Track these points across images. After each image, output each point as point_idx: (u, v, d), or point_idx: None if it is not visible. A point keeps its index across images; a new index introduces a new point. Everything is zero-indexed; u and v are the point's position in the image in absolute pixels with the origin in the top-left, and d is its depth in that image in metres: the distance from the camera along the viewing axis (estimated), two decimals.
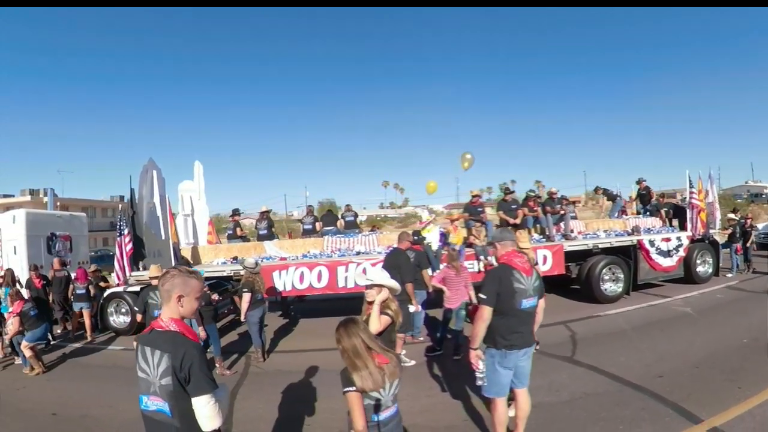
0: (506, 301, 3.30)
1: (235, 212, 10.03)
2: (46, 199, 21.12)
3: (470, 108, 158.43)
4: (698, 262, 9.94)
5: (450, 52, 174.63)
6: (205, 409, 1.91)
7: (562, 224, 9.63)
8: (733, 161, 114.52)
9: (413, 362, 6.05)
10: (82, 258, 11.26)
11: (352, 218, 9.89)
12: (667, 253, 9.54)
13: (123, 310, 8.95)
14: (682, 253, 9.62)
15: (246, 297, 6.43)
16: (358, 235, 8.97)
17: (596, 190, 11.76)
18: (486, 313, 3.33)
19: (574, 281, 9.41)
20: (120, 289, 8.75)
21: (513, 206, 9.49)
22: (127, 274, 8.43)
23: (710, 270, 10.08)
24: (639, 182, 11.63)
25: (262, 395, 5.50)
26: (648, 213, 10.66)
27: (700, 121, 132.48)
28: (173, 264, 8.29)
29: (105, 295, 8.92)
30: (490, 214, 10.80)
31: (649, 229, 10.12)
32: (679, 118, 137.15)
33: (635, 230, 9.66)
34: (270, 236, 9.48)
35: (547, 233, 9.44)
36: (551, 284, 7.83)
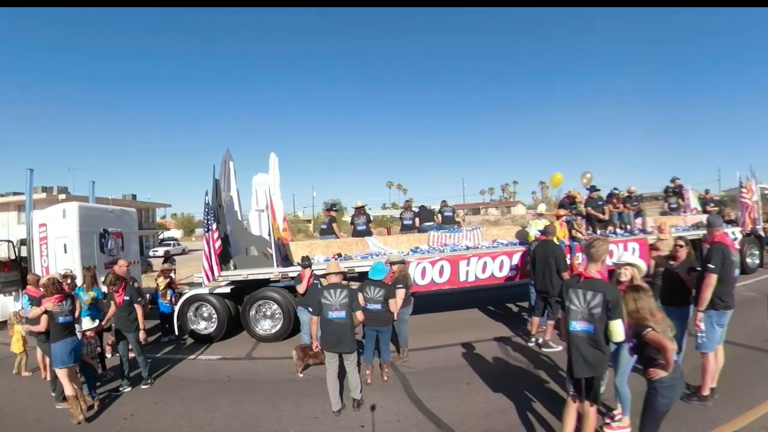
0: (727, 270, 3.83)
1: (332, 207, 8.53)
2: (61, 196, 17.94)
3: (471, 108, 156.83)
4: (747, 254, 9.79)
5: (450, 52, 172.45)
6: (620, 326, 2.75)
7: (638, 220, 9.02)
8: (733, 162, 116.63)
9: (560, 347, 5.60)
10: (133, 257, 9.20)
11: (451, 213, 8.75)
12: None
13: (205, 314, 7.22)
14: (737, 246, 9.38)
15: (401, 293, 5.18)
16: (463, 230, 7.83)
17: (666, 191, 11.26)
18: (714, 280, 3.81)
19: None
20: (205, 290, 6.98)
21: (599, 203, 8.82)
22: (216, 273, 6.69)
23: (757, 261, 10.05)
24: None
25: (448, 392, 4.66)
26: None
27: (699, 121, 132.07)
28: (277, 262, 6.70)
29: (185, 297, 7.09)
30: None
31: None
32: (678, 119, 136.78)
33: (700, 225, 9.28)
34: (369, 232, 8.08)
35: (629, 228, 8.82)
36: None
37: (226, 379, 5.56)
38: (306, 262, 5.87)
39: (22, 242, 8.48)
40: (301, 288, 5.66)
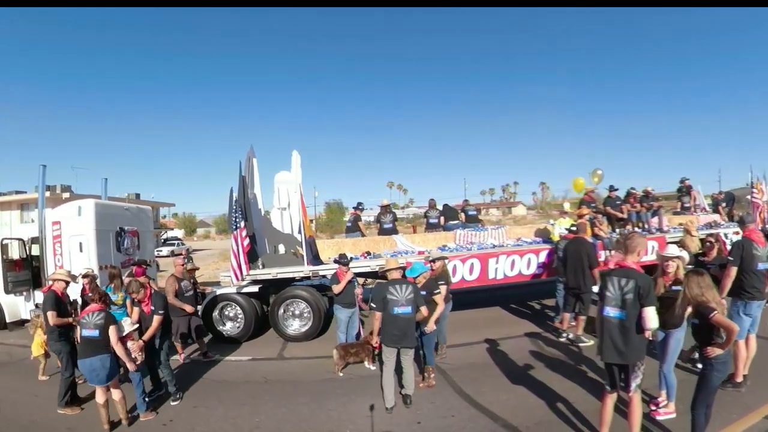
0: (747, 263, 4.14)
1: (359, 206, 8.35)
2: (65, 195, 17.34)
3: (471, 108, 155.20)
4: None
5: (451, 52, 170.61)
6: (652, 313, 2.89)
7: (655, 219, 9.06)
8: (732, 163, 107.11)
9: (592, 341, 5.59)
10: (149, 256, 8.89)
11: (475, 212, 8.69)
12: None
13: (231, 315, 6.99)
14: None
15: (443, 289, 5.05)
16: (488, 229, 7.74)
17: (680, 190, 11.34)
18: (732, 271, 4.19)
19: None
20: (232, 290, 6.75)
21: (617, 202, 8.87)
22: (244, 272, 6.48)
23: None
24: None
25: (494, 387, 4.66)
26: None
27: (699, 122, 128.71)
28: (307, 261, 6.51)
29: (210, 297, 6.86)
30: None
31: (718, 223, 9.88)
32: (677, 120, 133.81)
33: (714, 224, 9.36)
34: (395, 230, 7.94)
35: (646, 227, 8.85)
36: (650, 271, 7.67)
37: (262, 380, 5.38)
38: (344, 260, 5.69)
39: (34, 240, 8.11)
40: (338, 287, 5.49)
